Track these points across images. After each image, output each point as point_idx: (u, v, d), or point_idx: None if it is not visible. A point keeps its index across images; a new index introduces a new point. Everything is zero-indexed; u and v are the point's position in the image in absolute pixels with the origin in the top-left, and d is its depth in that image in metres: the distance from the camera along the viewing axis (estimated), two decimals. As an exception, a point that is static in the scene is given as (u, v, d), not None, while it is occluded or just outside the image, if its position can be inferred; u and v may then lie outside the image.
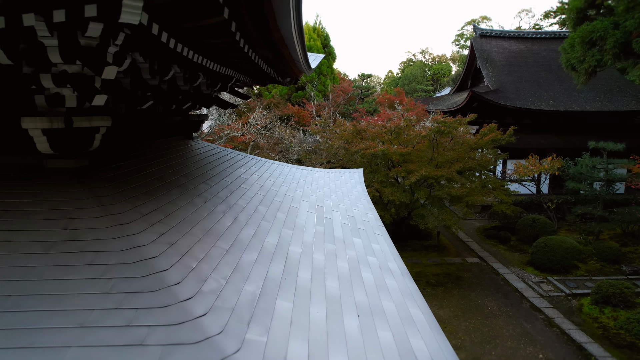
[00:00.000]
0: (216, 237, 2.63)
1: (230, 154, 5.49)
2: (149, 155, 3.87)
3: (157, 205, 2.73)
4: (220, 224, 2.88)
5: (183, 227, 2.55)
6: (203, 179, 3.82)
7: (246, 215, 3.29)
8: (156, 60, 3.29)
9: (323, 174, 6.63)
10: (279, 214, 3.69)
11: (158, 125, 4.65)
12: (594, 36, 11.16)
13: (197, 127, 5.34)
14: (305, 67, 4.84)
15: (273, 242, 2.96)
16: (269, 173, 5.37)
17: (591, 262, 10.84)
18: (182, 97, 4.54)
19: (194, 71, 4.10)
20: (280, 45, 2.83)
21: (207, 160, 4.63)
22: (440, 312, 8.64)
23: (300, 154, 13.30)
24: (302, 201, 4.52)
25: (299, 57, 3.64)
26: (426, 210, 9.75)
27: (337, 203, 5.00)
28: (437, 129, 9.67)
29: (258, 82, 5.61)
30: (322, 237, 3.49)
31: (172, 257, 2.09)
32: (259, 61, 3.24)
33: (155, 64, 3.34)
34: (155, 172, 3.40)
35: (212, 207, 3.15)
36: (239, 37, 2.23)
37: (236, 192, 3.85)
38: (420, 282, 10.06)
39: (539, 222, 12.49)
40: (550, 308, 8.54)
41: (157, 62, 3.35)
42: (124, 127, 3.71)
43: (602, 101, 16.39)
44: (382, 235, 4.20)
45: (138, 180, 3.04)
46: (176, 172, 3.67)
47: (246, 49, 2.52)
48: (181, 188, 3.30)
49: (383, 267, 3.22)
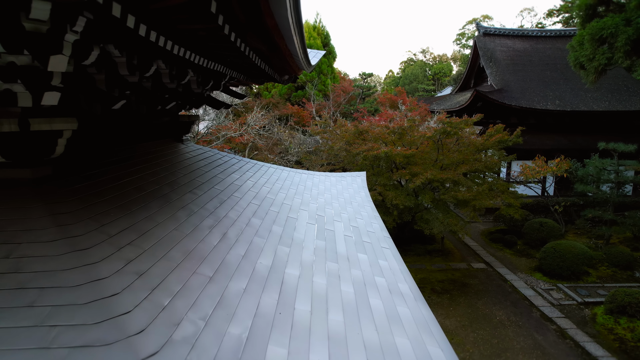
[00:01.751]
0: (199, 261, 2.23)
1: (223, 157, 5.09)
2: (131, 160, 3.47)
3: (130, 222, 2.33)
4: (205, 243, 2.48)
5: (159, 250, 2.15)
6: (190, 187, 3.42)
7: (237, 231, 2.89)
8: (134, 53, 2.90)
9: (324, 179, 6.23)
10: (275, 228, 3.28)
11: (143, 127, 4.25)
12: (604, 33, 10.77)
13: (188, 129, 4.94)
14: (305, 64, 4.44)
15: (267, 263, 2.56)
16: (266, 178, 4.97)
17: (602, 268, 10.44)
18: (169, 96, 4.14)
19: (181, 67, 3.70)
20: (274, 34, 2.44)
21: (196, 165, 4.23)
22: (447, 322, 8.24)
23: (299, 156, 12.89)
24: (301, 210, 4.12)
25: (297, 50, 3.23)
26: (431, 215, 9.35)
27: (339, 211, 4.60)
28: (443, 129, 9.26)
29: (254, 80, 5.21)
30: (323, 254, 3.09)
31: (139, 293, 1.69)
32: (252, 55, 2.84)
33: (135, 58, 2.94)
34: (134, 181, 3.00)
35: (198, 222, 2.76)
36: (222, 21, 1.84)
37: (227, 202, 3.45)
38: (425, 289, 9.66)
39: (547, 225, 12.09)
40: (562, 318, 8.13)
41: (136, 56, 2.95)
42: (101, 130, 3.32)
43: (609, 101, 15.98)
44: (389, 249, 3.80)
45: (112, 192, 2.64)
46: (159, 180, 3.27)
47: (233, 37, 2.13)
48: (163, 199, 2.90)
49: (393, 290, 2.82)
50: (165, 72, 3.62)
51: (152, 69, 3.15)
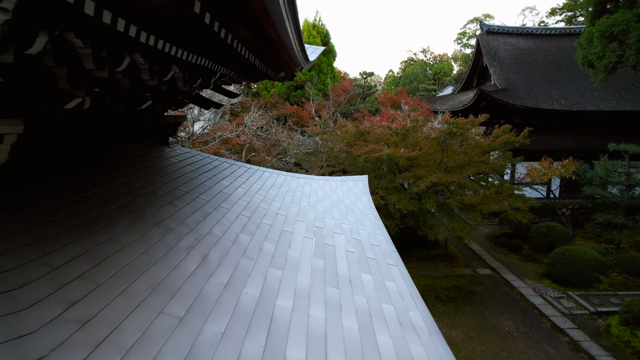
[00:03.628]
0: (168, 296, 1.81)
1: (213, 162, 4.67)
2: (103, 168, 3.06)
3: (86, 246, 1.92)
4: (179, 270, 2.07)
5: (117, 284, 1.74)
6: (170, 198, 3.00)
7: (221, 252, 2.47)
8: (101, 44, 2.48)
9: (323, 183, 5.81)
10: (267, 245, 2.86)
11: (122, 129, 3.83)
12: (614, 30, 10.36)
13: (174, 131, 4.52)
14: (302, 59, 4.03)
15: (254, 293, 2.14)
16: (259, 185, 4.55)
17: (613, 275, 10.02)
18: (151, 94, 3.72)
19: (162, 62, 3.28)
20: (263, 19, 2.02)
21: (181, 172, 3.81)
22: (453, 334, 7.82)
23: (298, 157, 12.47)
24: (298, 222, 3.70)
25: (292, 42, 2.81)
26: (435, 219, 8.93)
27: (339, 221, 4.18)
28: (449, 130, 8.84)
29: (247, 78, 4.78)
30: (321, 276, 2.67)
31: (76, 354, 1.27)
32: (238, 46, 2.42)
33: (104, 50, 2.52)
34: (102, 193, 2.58)
35: (173, 242, 2.34)
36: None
37: (212, 215, 3.03)
38: (429, 298, 9.25)
39: (554, 229, 11.67)
40: (575, 329, 7.72)
41: (105, 48, 2.53)
42: (64, 134, 2.90)
43: (617, 100, 15.57)
44: (396, 266, 3.38)
45: (71, 208, 2.22)
46: (134, 190, 2.85)
47: (207, 19, 1.71)
48: (135, 214, 2.48)
49: (404, 322, 2.41)
50: (143, 67, 3.21)
51: (125, 63, 2.73)
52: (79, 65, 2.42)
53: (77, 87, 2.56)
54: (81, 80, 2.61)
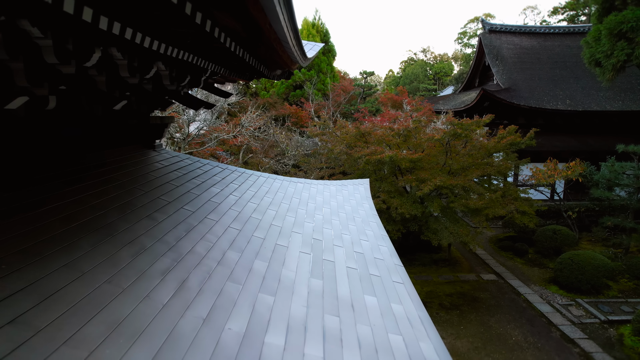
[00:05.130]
0: (130, 340, 1.47)
1: (203, 166, 4.33)
2: (75, 176, 2.72)
3: (34, 276, 1.58)
4: (149, 302, 1.73)
5: (65, 327, 1.40)
6: (150, 210, 2.66)
7: (203, 275, 2.13)
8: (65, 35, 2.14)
9: (322, 188, 5.48)
10: (258, 264, 2.53)
11: (101, 133, 3.50)
12: (623, 27, 10.03)
13: (160, 133, 4.18)
14: (299, 55, 3.69)
15: (238, 329, 1.80)
16: (253, 191, 4.21)
17: (623, 281, 9.69)
18: (133, 93, 3.38)
19: (142, 57, 2.95)
20: (249, 3, 1.69)
21: (167, 178, 3.47)
22: (458, 344, 7.48)
23: (297, 159, 12.12)
24: (294, 234, 3.36)
25: (286, 33, 2.48)
26: (439, 224, 8.59)
27: (340, 232, 3.85)
28: (453, 131, 8.50)
29: (240, 76, 4.45)
30: (319, 301, 2.33)
31: None
32: (221, 35, 2.08)
33: (69, 42, 2.19)
34: (66, 207, 2.25)
35: (146, 266, 2.00)
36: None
37: (197, 228, 2.69)
38: (433, 305, 8.91)
39: (561, 233, 11.33)
40: (586, 339, 7.38)
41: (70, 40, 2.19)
42: (32, 137, 2.56)
43: (623, 100, 15.23)
44: (403, 284, 3.05)
45: (22, 227, 1.89)
46: (107, 202, 2.52)
47: None
48: (104, 232, 2.14)
49: (414, 356, 2.07)
50: (122, 63, 2.88)
51: (95, 57, 2.39)
52: (39, 59, 2.09)
53: (38, 84, 2.22)
54: (43, 76, 2.27)
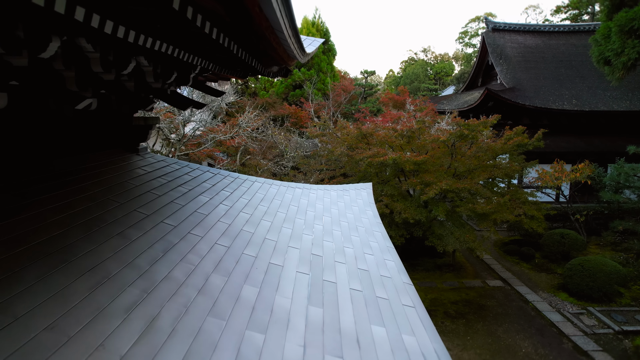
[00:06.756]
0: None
1: (193, 171, 3.96)
2: (35, 186, 2.35)
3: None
4: (100, 356, 1.35)
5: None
6: (122, 226, 2.29)
7: (178, 309, 1.76)
8: (14, 20, 1.78)
9: (322, 194, 5.11)
10: (247, 290, 2.16)
11: (75, 136, 3.13)
12: (635, 24, 9.66)
13: (144, 135, 3.81)
14: (297, 48, 3.32)
15: (217, 386, 1.43)
16: (246, 199, 3.84)
17: (635, 287, 9.32)
18: (110, 91, 3.01)
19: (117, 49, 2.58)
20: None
21: (149, 186, 3.10)
22: (465, 356, 7.11)
23: (296, 161, 11.76)
24: (291, 249, 3.00)
25: (280, 21, 2.11)
26: (444, 229, 8.23)
27: (342, 245, 3.48)
28: (460, 132, 8.13)
29: (232, 72, 4.07)
30: (319, 337, 1.96)
31: None
32: (200, 21, 1.72)
33: (18, 28, 1.82)
34: (14, 226, 1.88)
35: (107, 301, 1.63)
36: None
37: (177, 247, 2.32)
38: (437, 314, 8.54)
39: (569, 237, 10.96)
40: (600, 351, 7.00)
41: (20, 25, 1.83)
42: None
43: (630, 100, 14.86)
44: (414, 307, 2.68)
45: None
46: (68, 219, 2.15)
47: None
48: (58, 257, 1.77)
49: (435, 410, 1.70)
50: (94, 57, 2.52)
51: (53, 47, 2.03)
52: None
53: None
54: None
